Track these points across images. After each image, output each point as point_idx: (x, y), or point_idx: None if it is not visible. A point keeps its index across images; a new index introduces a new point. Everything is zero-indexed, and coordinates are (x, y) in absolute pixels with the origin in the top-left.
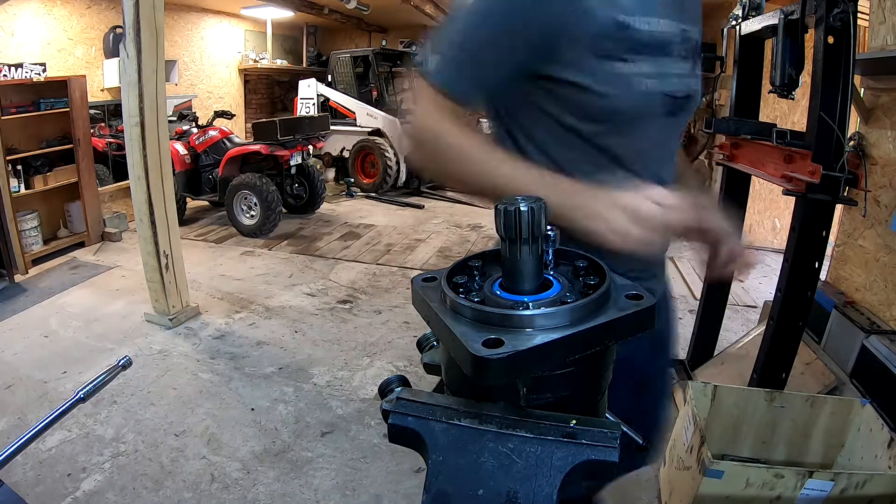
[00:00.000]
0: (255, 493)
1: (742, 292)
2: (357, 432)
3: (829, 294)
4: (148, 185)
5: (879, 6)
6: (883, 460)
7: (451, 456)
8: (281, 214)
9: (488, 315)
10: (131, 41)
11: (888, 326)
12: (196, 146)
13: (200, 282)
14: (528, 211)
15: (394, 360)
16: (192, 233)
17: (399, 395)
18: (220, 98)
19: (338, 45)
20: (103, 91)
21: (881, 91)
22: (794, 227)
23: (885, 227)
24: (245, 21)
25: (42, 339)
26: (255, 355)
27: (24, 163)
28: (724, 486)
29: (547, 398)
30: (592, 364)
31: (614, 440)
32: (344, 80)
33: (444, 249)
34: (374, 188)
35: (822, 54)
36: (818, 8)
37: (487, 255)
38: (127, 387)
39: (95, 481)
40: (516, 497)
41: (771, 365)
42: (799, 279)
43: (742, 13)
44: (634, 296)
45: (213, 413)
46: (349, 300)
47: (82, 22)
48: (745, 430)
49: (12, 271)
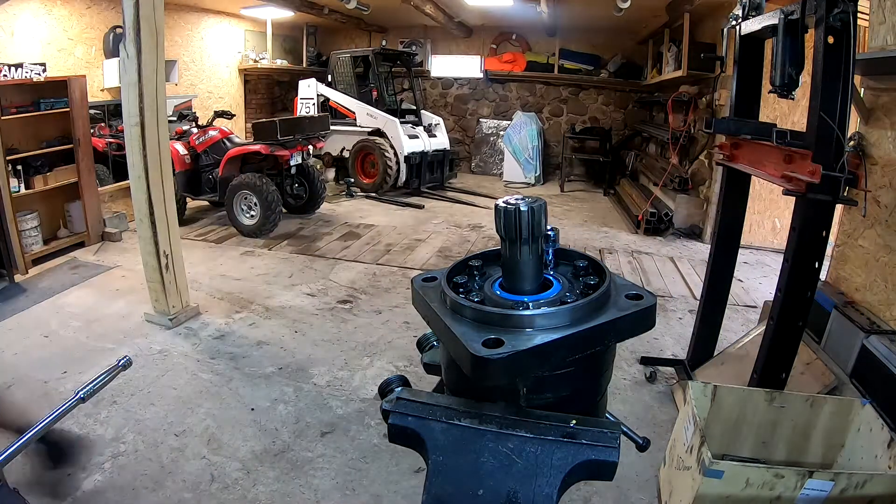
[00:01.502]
0: (255, 493)
1: (742, 292)
2: (357, 432)
3: (829, 294)
4: (148, 185)
5: (879, 6)
6: (883, 460)
7: (451, 456)
8: (281, 214)
9: (488, 315)
10: (131, 41)
11: (888, 326)
12: (196, 146)
13: (200, 282)
14: (528, 211)
15: (394, 360)
16: (192, 233)
17: (399, 395)
18: (220, 98)
19: (338, 45)
20: (103, 91)
21: (881, 91)
22: (794, 227)
23: (885, 227)
24: (245, 21)
25: (42, 339)
26: (255, 355)
27: (24, 163)
28: (724, 486)
29: (547, 398)
30: (592, 364)
31: (614, 440)
32: (344, 80)
33: (444, 249)
34: (374, 188)
35: (822, 54)
36: (818, 8)
37: (487, 255)
38: (127, 387)
39: (95, 481)
40: (516, 497)
41: (771, 365)
42: (799, 279)
43: (742, 13)
44: (634, 296)
45: (213, 413)
46: (349, 300)
47: (82, 22)
48: (745, 430)
49: (12, 271)
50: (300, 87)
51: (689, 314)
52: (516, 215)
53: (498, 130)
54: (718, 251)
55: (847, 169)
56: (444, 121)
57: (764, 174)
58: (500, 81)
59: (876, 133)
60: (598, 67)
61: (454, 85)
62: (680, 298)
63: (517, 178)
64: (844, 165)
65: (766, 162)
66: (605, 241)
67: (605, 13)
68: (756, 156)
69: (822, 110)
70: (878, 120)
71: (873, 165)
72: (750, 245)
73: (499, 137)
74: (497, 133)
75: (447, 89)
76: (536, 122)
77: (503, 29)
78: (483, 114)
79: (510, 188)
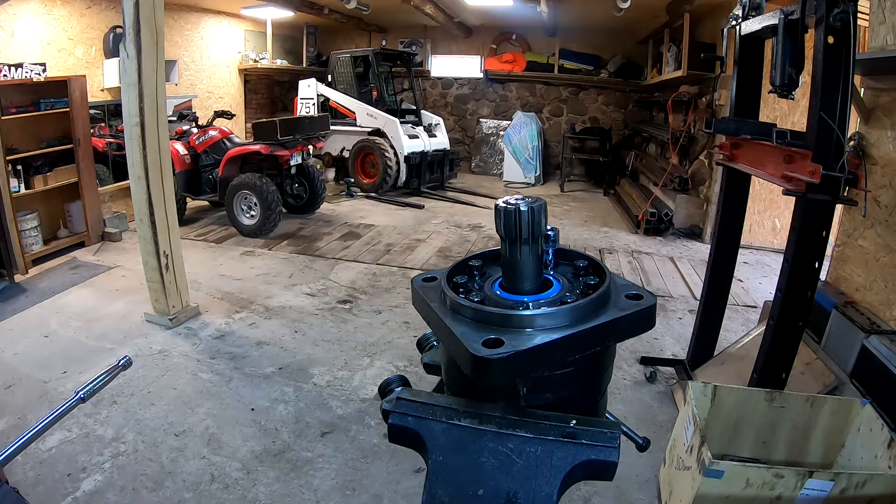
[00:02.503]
0: (255, 493)
1: (742, 292)
2: (357, 432)
3: (829, 294)
4: (148, 185)
5: (879, 6)
6: (883, 460)
7: (451, 456)
8: (281, 214)
9: (488, 315)
10: (131, 41)
11: (888, 326)
12: (196, 146)
13: (200, 282)
14: (528, 211)
15: (394, 360)
16: (192, 233)
17: (399, 395)
18: (220, 98)
19: (338, 45)
20: (103, 91)
21: (881, 91)
22: (794, 227)
23: (885, 226)
24: (245, 21)
25: (42, 339)
26: (255, 355)
27: (24, 163)
28: (724, 486)
29: (547, 398)
30: (592, 364)
31: (614, 440)
32: (344, 80)
33: (444, 249)
34: (374, 188)
35: (822, 54)
36: (818, 8)
37: (487, 255)
38: (127, 387)
39: (95, 481)
40: (516, 497)
41: (771, 365)
42: (799, 279)
43: (742, 13)
44: (634, 296)
45: (213, 413)
46: (349, 300)
47: (82, 22)
48: (745, 430)
49: (12, 271)
50: (300, 87)
51: (689, 314)
52: (516, 215)
53: (498, 130)
54: (718, 251)
55: (847, 169)
56: (444, 121)
57: (764, 174)
58: (500, 81)
59: (876, 133)
60: (598, 67)
61: (454, 85)
62: (680, 298)
63: (517, 178)
64: (844, 165)
65: (766, 162)
66: (605, 241)
67: (605, 13)
68: (756, 156)
69: (822, 110)
70: (878, 120)
71: (873, 165)
72: (750, 245)
73: (499, 137)
74: (497, 133)
75: (447, 89)
76: (536, 122)
77: (503, 29)
78: (483, 114)
79: (510, 188)
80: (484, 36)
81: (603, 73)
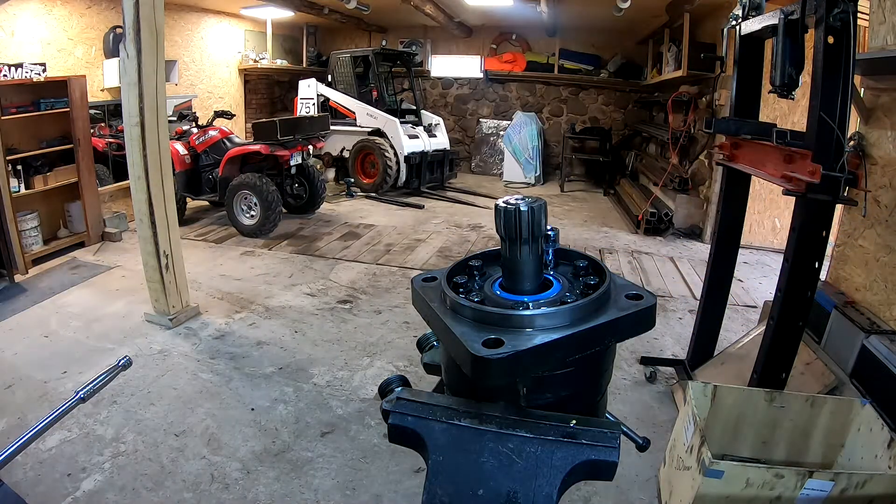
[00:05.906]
0: (255, 493)
1: (742, 292)
2: (357, 432)
3: (829, 294)
4: (148, 185)
5: (879, 6)
6: (883, 460)
7: (451, 456)
8: (281, 214)
9: (488, 315)
10: (131, 41)
11: (888, 326)
12: (196, 146)
13: (200, 282)
14: (528, 211)
15: (394, 360)
16: (192, 233)
17: (399, 395)
18: (220, 98)
19: (338, 45)
20: (103, 91)
21: (881, 91)
22: (794, 227)
23: (885, 226)
24: (245, 21)
25: (42, 339)
26: (255, 355)
27: (24, 163)
28: (724, 486)
29: (547, 398)
30: (592, 364)
31: (614, 440)
32: (344, 80)
33: (444, 249)
34: (374, 188)
35: (822, 54)
36: (818, 8)
37: (487, 255)
38: (127, 387)
39: (95, 481)
40: (516, 497)
41: (771, 365)
42: (799, 279)
43: (742, 13)
44: (634, 296)
45: (213, 413)
46: (349, 300)
47: (82, 22)
48: (745, 430)
49: (12, 271)
50: (300, 87)
51: (689, 314)
52: (516, 215)
53: (498, 130)
54: (718, 251)
55: (847, 169)
56: (444, 121)
57: (764, 174)
58: (500, 81)
59: (876, 133)
60: (598, 67)
61: (454, 85)
62: (680, 298)
63: (517, 178)
64: (844, 165)
65: (766, 162)
66: (605, 241)
67: (605, 13)
68: (756, 156)
69: (822, 110)
70: (878, 120)
71: (873, 165)
72: (750, 245)
73: (499, 137)
74: (497, 133)
75: (447, 89)
76: (536, 122)
77: (503, 29)
78: (483, 114)
79: (510, 188)
80: (484, 36)
81: (603, 73)
